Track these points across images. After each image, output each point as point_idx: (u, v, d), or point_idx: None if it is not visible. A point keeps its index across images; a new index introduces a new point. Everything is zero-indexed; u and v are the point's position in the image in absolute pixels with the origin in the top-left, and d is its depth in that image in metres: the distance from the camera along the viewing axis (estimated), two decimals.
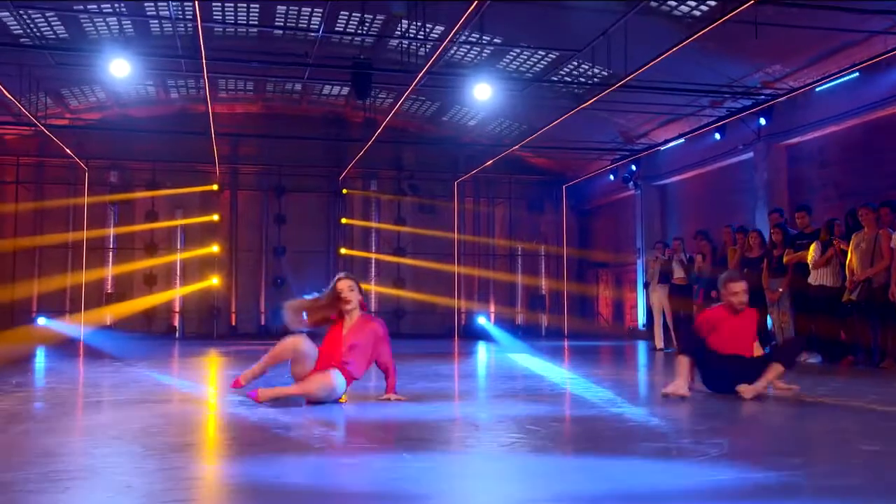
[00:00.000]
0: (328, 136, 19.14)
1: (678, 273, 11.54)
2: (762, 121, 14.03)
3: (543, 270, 20.92)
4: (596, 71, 15.29)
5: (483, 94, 13.09)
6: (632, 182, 17.83)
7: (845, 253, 8.59)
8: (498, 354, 11.88)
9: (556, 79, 16.23)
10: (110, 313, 18.05)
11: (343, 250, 19.57)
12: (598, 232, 20.67)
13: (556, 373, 7.89)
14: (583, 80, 15.91)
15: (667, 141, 16.43)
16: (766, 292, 9.72)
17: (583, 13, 13.01)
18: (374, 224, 20.09)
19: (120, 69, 11.58)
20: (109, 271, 18.33)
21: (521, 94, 16.55)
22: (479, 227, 20.82)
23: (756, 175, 14.52)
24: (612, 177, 18.47)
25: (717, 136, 14.91)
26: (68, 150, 16.33)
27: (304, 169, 19.16)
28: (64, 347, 13.23)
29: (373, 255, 19.96)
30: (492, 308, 20.58)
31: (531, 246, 20.82)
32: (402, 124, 20.05)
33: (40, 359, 10.34)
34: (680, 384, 5.38)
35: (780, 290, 9.54)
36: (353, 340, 5.02)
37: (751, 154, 14.74)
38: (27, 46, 13.85)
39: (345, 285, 5.13)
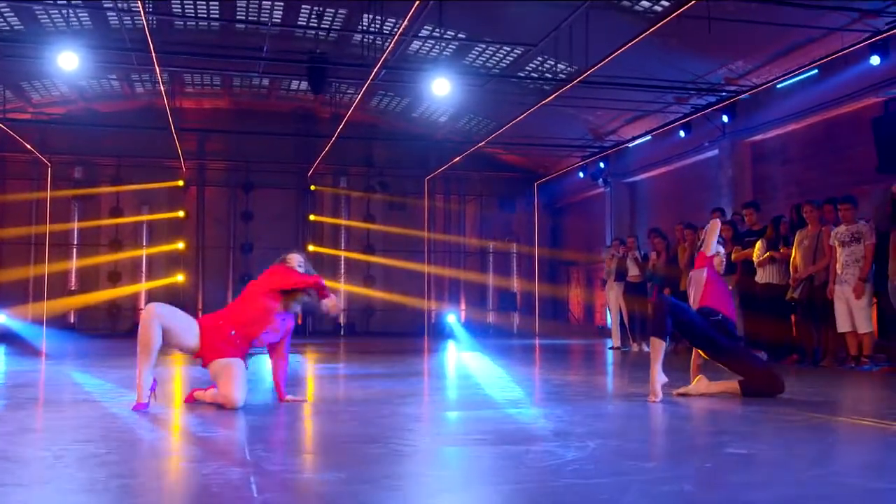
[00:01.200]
0: (297, 131, 18.95)
1: (633, 271, 11.40)
2: (725, 118, 13.91)
3: (515, 269, 20.78)
4: (561, 67, 15.17)
5: (441, 89, 12.89)
6: (601, 179, 17.71)
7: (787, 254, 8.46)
8: (451, 354, 11.71)
9: (522, 75, 16.13)
10: (74, 309, 17.85)
11: (311, 247, 19.38)
12: (569, 230, 20.54)
13: (494, 373, 7.72)
14: (549, 76, 15.77)
15: (634, 138, 16.30)
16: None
17: (543, 8, 12.88)
18: (343, 221, 19.92)
19: (68, 62, 11.35)
20: (73, 266, 18.11)
21: (491, 91, 16.46)
22: (449, 226, 20.69)
23: (721, 172, 14.41)
24: (581, 174, 18.34)
25: (682, 133, 14.81)
26: (28, 146, 16.12)
27: (272, 165, 18.96)
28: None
29: (342, 253, 19.79)
30: (462, 307, 20.43)
31: (503, 245, 20.68)
32: (372, 120, 19.91)
33: None
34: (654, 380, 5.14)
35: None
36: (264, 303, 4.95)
37: (716, 151, 14.64)
38: None
39: (294, 260, 5.03)
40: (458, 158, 18.10)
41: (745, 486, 2.63)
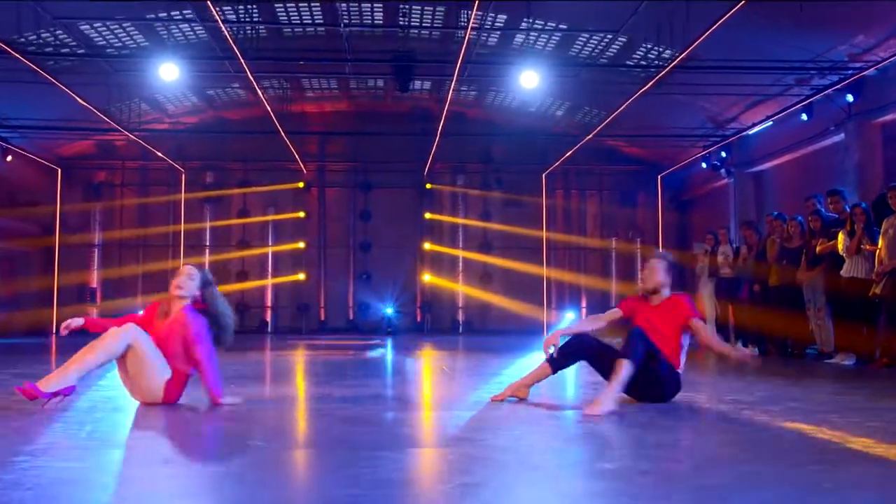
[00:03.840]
0: (414, 131, 19.15)
1: (724, 267, 10.60)
2: (850, 97, 12.66)
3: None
4: (669, 54, 14.41)
5: (530, 81, 12.62)
6: (723, 169, 16.66)
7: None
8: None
9: (631, 63, 15.49)
10: None
11: (427, 245, 19.56)
12: (696, 224, 19.45)
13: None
14: (658, 63, 15.02)
15: (754, 124, 15.20)
16: (803, 287, 8.73)
17: None
18: (458, 220, 19.95)
19: (168, 73, 12.08)
20: (206, 263, 19.26)
21: (605, 82, 16.01)
22: (569, 222, 20.18)
23: (847, 157, 13.13)
24: (704, 164, 17.33)
25: (804, 116, 13.63)
26: (160, 154, 17.33)
27: (390, 165, 19.28)
28: None
29: (459, 253, 19.80)
30: (583, 306, 19.89)
31: (626, 246, 19.90)
32: (489, 117, 19.83)
33: None
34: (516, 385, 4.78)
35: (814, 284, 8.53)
36: (164, 332, 4.64)
37: (842, 135, 13.35)
38: (112, 57, 14.80)
39: (185, 270, 4.91)
40: (570, 152, 17.67)
41: None
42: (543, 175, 19.25)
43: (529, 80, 12.61)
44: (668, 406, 4.62)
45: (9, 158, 16.22)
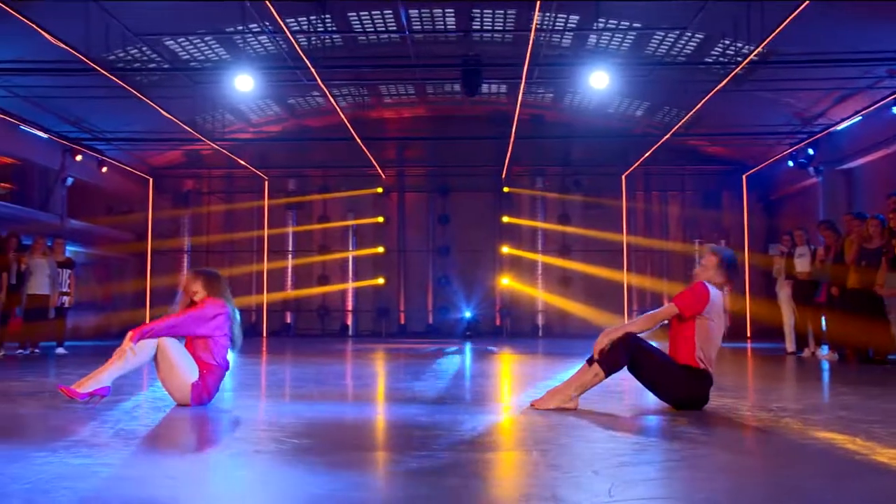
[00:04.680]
0: (492, 134, 19.14)
1: (800, 267, 10.15)
2: None
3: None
4: (750, 49, 13.93)
5: (600, 82, 12.42)
6: (811, 167, 15.97)
7: None
8: None
9: (710, 60, 15.05)
10: (290, 312, 19.59)
11: (506, 249, 19.50)
12: (784, 225, 18.64)
13: None
14: (738, 59, 14.54)
15: (842, 119, 14.52)
16: (878, 290, 8.27)
17: None
18: (535, 223, 19.80)
19: (244, 84, 12.46)
20: (290, 266, 19.80)
21: (684, 81, 15.64)
22: (650, 225, 19.73)
23: None
24: (790, 163, 16.66)
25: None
26: (242, 162, 17.91)
27: (469, 169, 19.32)
28: None
29: (538, 257, 19.64)
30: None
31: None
32: (568, 119, 19.62)
33: None
34: (559, 397, 4.58)
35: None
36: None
37: None
38: (195, 70, 15.39)
39: (183, 280, 5.12)
40: (648, 153, 17.31)
41: None
42: (623, 177, 18.92)
43: (599, 81, 12.41)
44: (702, 413, 4.46)
45: (104, 169, 17.09)
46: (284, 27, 11.21)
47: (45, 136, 15.17)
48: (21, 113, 14.53)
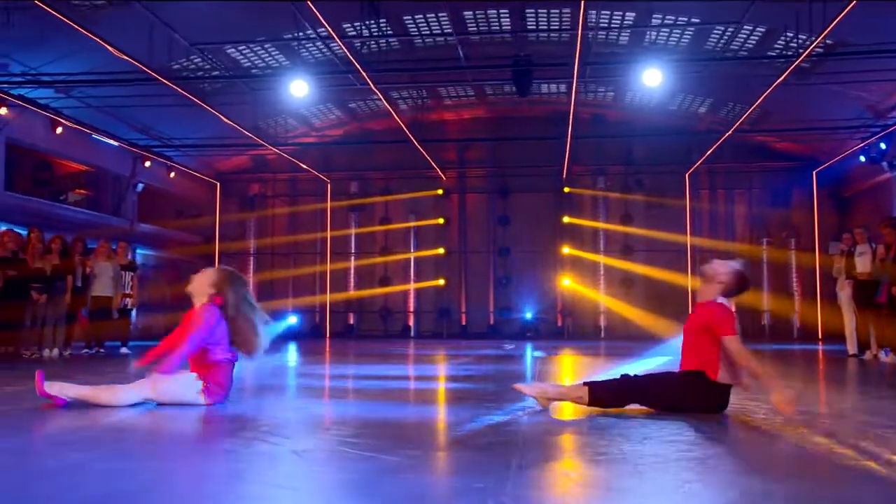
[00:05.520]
0: (552, 134, 19.02)
1: (860, 267, 9.76)
2: None
3: (794, 281, 18.62)
4: (813, 41, 13.48)
5: (653, 79, 12.22)
6: (884, 162, 15.33)
7: None
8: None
9: (773, 54, 14.61)
10: (353, 313, 19.91)
11: (566, 250, 19.35)
12: (857, 223, 17.92)
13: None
14: (803, 52, 14.09)
15: None
16: None
17: None
18: (596, 223, 19.58)
19: (299, 89, 12.74)
20: (352, 267, 20.11)
21: (746, 76, 15.27)
22: (715, 225, 19.26)
23: None
24: (862, 158, 16.03)
25: None
26: (304, 166, 18.27)
27: (529, 169, 19.25)
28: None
29: (600, 258, 19.42)
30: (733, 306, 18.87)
31: (778, 252, 18.68)
32: (629, 118, 19.34)
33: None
34: (539, 392, 4.60)
35: None
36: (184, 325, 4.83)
37: None
38: (257, 77, 15.79)
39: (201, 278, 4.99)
40: (710, 150, 16.91)
41: None
42: (686, 175, 18.54)
43: (653, 78, 12.22)
44: (715, 417, 4.36)
45: (172, 175, 17.71)
46: (332, 32, 11.37)
47: (116, 143, 15.81)
48: (94, 122, 15.21)
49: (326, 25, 10.88)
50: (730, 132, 15.59)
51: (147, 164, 16.85)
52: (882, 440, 3.55)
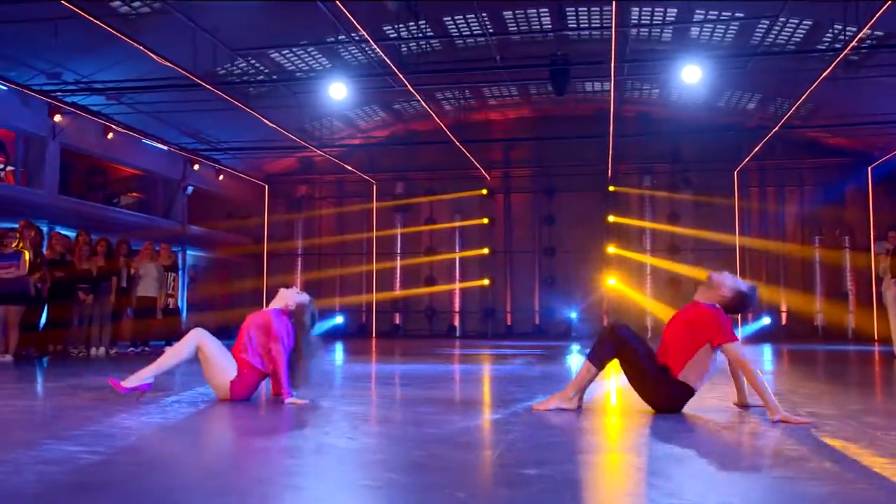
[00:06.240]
0: (597, 133, 18.87)
1: None
2: None
3: (848, 280, 18.09)
4: (864, 34, 13.11)
5: (692, 76, 12.04)
6: None
7: None
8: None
9: (822, 47, 14.26)
10: (398, 313, 20.09)
11: (611, 249, 19.17)
12: None
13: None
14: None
15: None
16: None
17: None
18: (644, 223, 19.35)
19: (338, 92, 12.92)
20: (398, 267, 20.28)
21: (793, 70, 14.92)
22: (765, 224, 18.84)
23: None
24: None
25: None
26: (349, 167, 18.51)
27: (574, 168, 19.14)
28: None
29: (646, 258, 19.19)
30: (783, 309, 18.48)
31: (831, 252, 18.16)
32: (676, 115, 19.07)
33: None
34: (559, 397, 4.57)
35: None
36: (252, 330, 5.09)
37: None
38: (301, 80, 16.04)
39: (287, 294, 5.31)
40: (759, 146, 16.57)
41: None
42: (735, 172, 18.19)
43: (691, 75, 12.04)
44: (682, 416, 4.32)
45: (220, 177, 18.13)
46: (367, 36, 11.50)
47: (165, 148, 16.26)
48: (144, 128, 15.68)
49: (360, 29, 10.99)
50: (777, 128, 15.24)
51: (196, 167, 17.29)
52: (871, 440, 3.47)
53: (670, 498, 2.49)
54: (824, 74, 12.42)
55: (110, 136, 14.82)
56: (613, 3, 10.01)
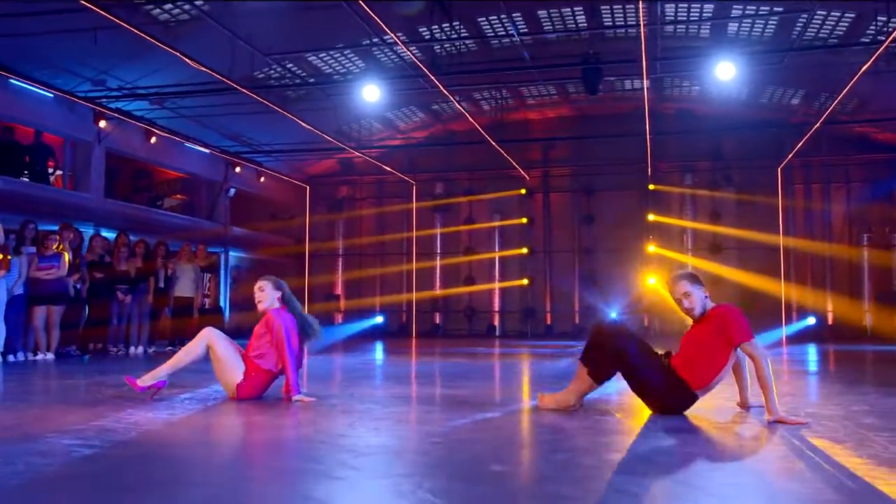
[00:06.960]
0: (636, 131, 18.69)
1: None
2: None
3: None
4: None
5: (726, 73, 11.87)
6: None
7: None
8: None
9: (866, 40, 13.91)
10: (439, 312, 20.21)
11: (652, 248, 18.97)
12: None
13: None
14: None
15: None
16: None
17: None
18: (685, 222, 19.09)
19: (371, 94, 13.07)
20: (437, 266, 20.37)
21: (837, 64, 14.58)
22: (811, 222, 18.42)
23: None
24: None
25: None
26: (388, 168, 18.67)
27: (613, 167, 18.99)
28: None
29: (687, 258, 18.91)
30: (829, 308, 18.04)
31: (880, 254, 17.67)
32: (717, 112, 18.77)
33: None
34: (560, 397, 4.61)
35: None
36: (258, 331, 5.31)
37: None
38: (338, 82, 16.23)
39: (255, 287, 5.46)
40: (802, 142, 16.22)
41: None
42: (779, 170, 17.83)
43: (725, 72, 11.87)
44: (683, 417, 4.30)
45: (262, 179, 18.47)
46: (397, 39, 11.62)
47: (207, 151, 16.63)
48: (187, 131, 16.05)
49: (390, 32, 11.11)
50: (819, 123, 14.92)
51: (238, 169, 17.63)
52: (861, 440, 3.42)
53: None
54: (864, 68, 12.11)
55: (153, 140, 15.22)
56: (639, 1, 9.87)
